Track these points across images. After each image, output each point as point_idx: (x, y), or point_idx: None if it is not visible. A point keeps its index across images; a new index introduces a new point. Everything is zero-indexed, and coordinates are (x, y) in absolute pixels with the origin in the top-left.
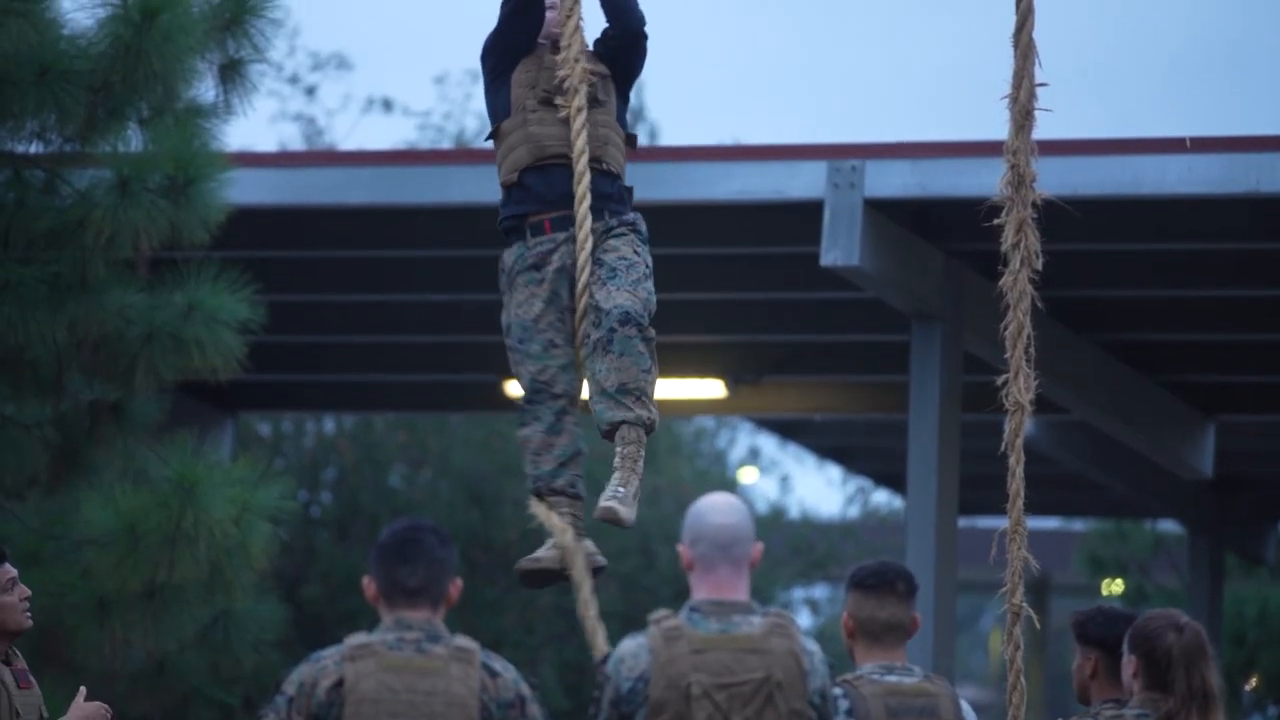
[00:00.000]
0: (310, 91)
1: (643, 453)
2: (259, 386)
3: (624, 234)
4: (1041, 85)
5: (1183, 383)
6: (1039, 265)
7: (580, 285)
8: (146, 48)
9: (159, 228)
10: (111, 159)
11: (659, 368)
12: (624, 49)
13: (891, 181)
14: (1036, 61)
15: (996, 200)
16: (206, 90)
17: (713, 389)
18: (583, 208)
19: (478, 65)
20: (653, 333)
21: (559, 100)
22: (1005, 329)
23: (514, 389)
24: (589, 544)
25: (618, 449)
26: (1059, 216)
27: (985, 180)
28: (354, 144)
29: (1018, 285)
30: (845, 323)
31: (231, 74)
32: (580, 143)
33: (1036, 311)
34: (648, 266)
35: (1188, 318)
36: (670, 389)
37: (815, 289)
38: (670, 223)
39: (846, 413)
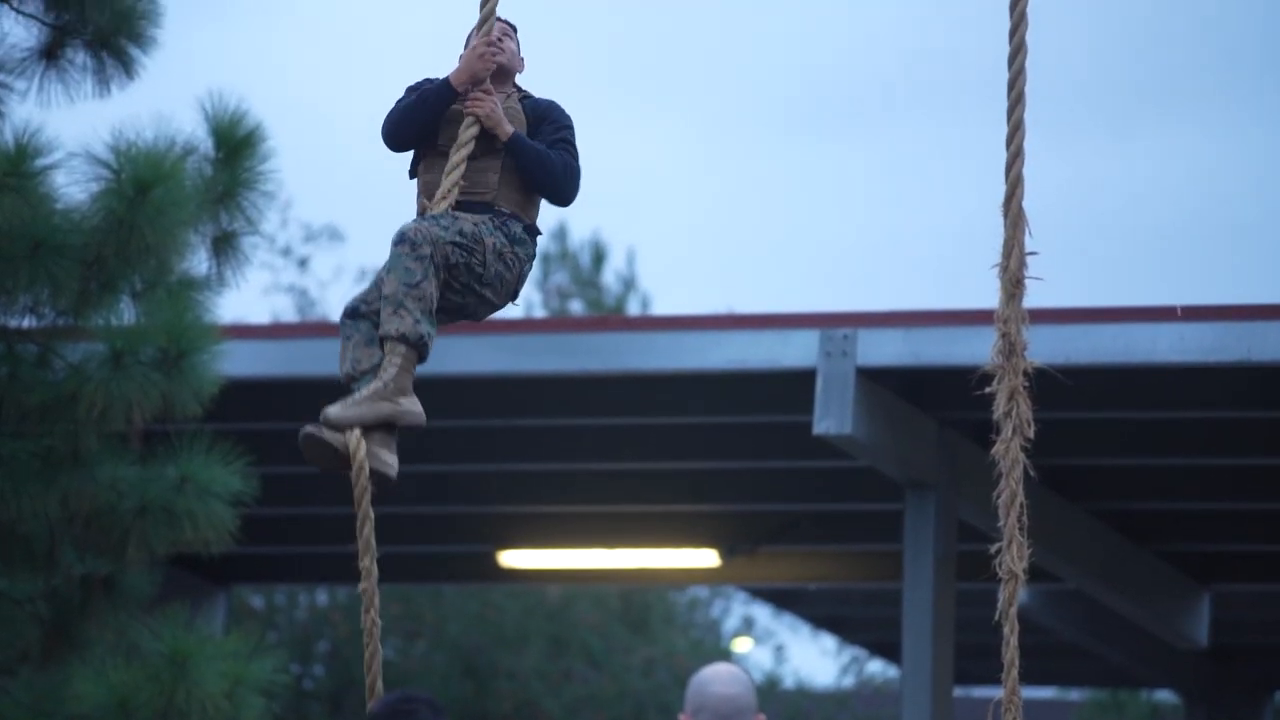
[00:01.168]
0: (303, 263)
1: (395, 361)
2: (252, 559)
3: (482, 219)
4: (1032, 254)
5: (1177, 552)
6: (1031, 433)
7: None
8: (140, 221)
9: (152, 400)
10: (104, 332)
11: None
12: (546, 195)
13: (884, 350)
14: (1027, 230)
15: (988, 368)
16: (200, 263)
17: (706, 559)
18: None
19: None
20: (428, 254)
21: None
22: (998, 497)
23: (509, 560)
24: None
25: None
26: (1051, 385)
27: (977, 348)
28: None
29: (1010, 453)
30: (838, 491)
31: (225, 247)
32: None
33: (1029, 480)
34: (475, 234)
35: (1181, 486)
36: (663, 559)
37: (808, 458)
38: (662, 392)
39: (841, 582)
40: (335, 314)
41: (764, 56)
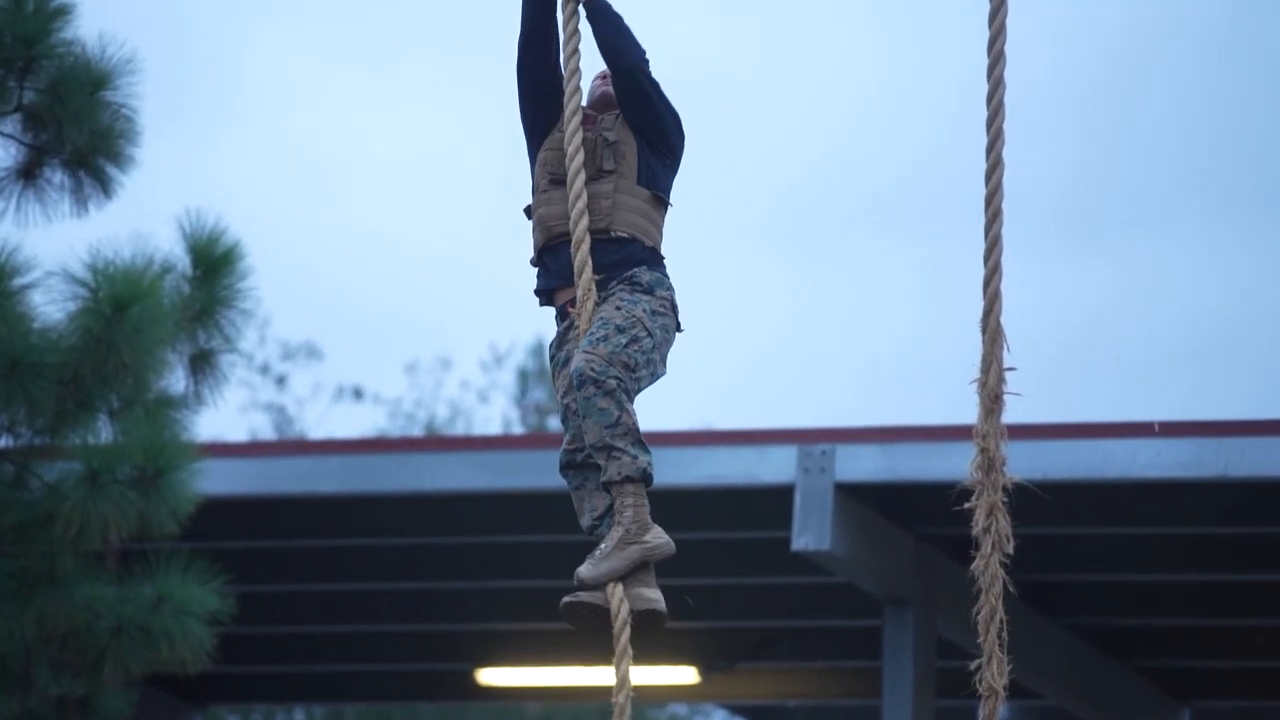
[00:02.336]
0: (281, 381)
1: (628, 503)
2: (228, 678)
3: (613, 293)
4: (1010, 369)
5: (1156, 668)
6: (1010, 549)
7: None
8: (117, 340)
9: (128, 519)
10: (81, 451)
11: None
12: (623, 95)
13: (862, 466)
14: (1005, 345)
15: (967, 484)
16: (177, 381)
17: (685, 675)
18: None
19: (447, 352)
20: (614, 384)
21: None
22: (978, 613)
23: (487, 678)
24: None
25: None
26: (1030, 500)
27: (955, 464)
28: (324, 432)
29: (989, 569)
30: (817, 608)
31: (202, 364)
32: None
33: (1009, 596)
34: (626, 317)
35: (1159, 603)
36: (642, 676)
37: (787, 574)
38: None
39: (820, 699)
40: (313, 431)
41: (739, 173)
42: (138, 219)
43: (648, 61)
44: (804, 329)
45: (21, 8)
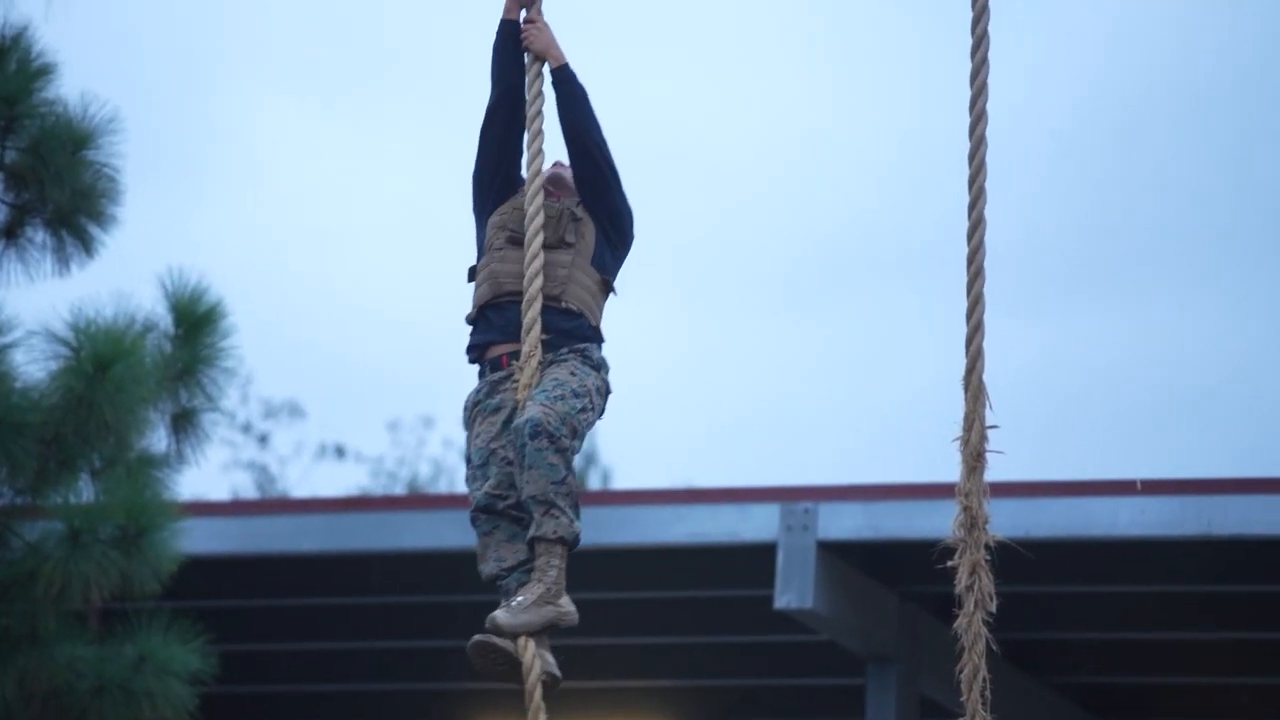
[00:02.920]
0: (263, 439)
1: (554, 563)
2: None
3: (567, 359)
4: (993, 428)
5: None
6: (993, 608)
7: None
8: (99, 399)
9: (110, 579)
10: (62, 510)
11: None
12: (581, 174)
13: (844, 524)
14: (987, 403)
15: (950, 542)
16: (159, 440)
17: None
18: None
19: (430, 410)
20: (567, 444)
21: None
22: (961, 672)
23: None
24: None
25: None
26: (1012, 558)
27: (938, 522)
28: (306, 491)
29: (972, 628)
30: (800, 666)
31: (184, 423)
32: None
33: (991, 654)
34: (580, 385)
35: (1143, 661)
36: None
37: (769, 632)
38: (623, 567)
39: None
40: (296, 490)
41: (717, 232)
42: (120, 277)
43: (606, 146)
44: (786, 386)
45: (3, 67)
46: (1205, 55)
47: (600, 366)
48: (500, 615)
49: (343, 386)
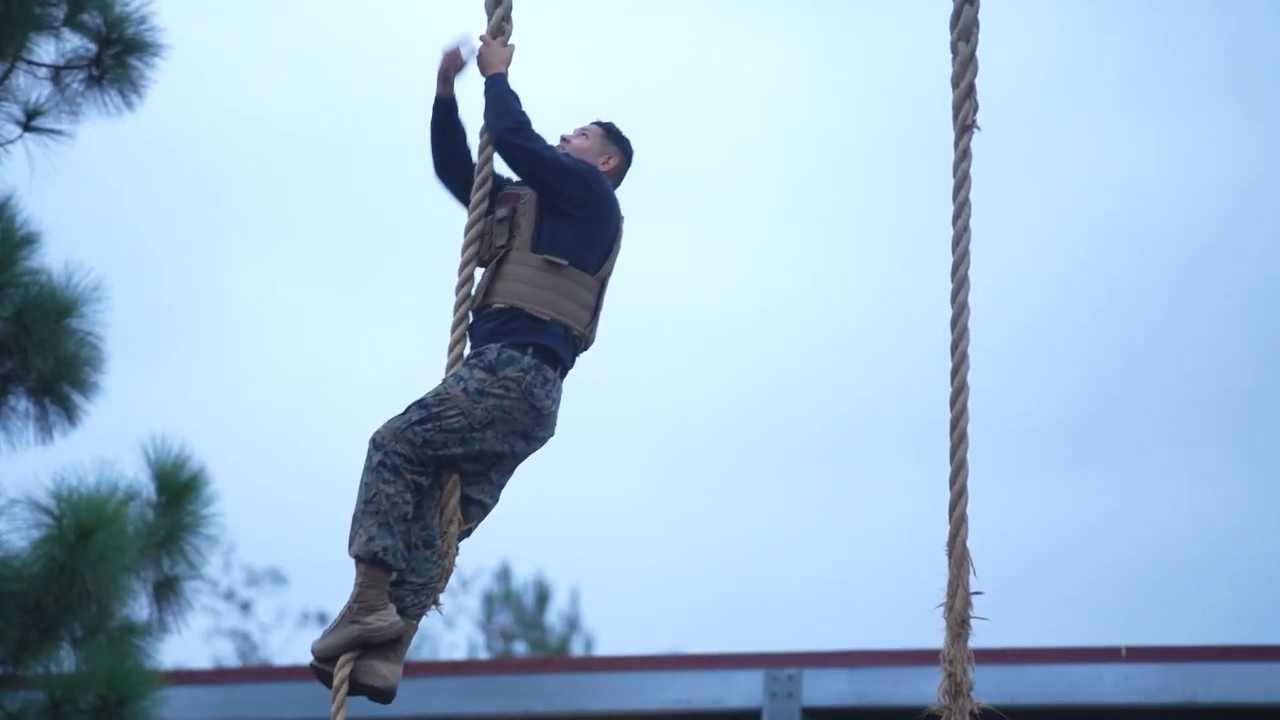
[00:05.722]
0: (245, 607)
1: (357, 580)
2: None
3: (466, 363)
4: (977, 594)
5: None
6: None
7: None
8: (81, 567)
9: None
10: (43, 680)
11: None
12: (506, 163)
13: (829, 690)
14: (971, 569)
15: (935, 709)
16: (141, 608)
17: None
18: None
19: None
20: (380, 458)
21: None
22: None
23: None
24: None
25: None
26: None
27: (923, 689)
28: (289, 659)
29: None
30: None
31: (166, 592)
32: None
33: None
34: (444, 391)
35: None
36: None
37: None
38: None
39: None
40: (278, 658)
41: (702, 400)
42: (103, 444)
43: (521, 126)
44: (769, 552)
45: None
46: (1198, 219)
47: (494, 367)
48: (315, 640)
49: (325, 554)
